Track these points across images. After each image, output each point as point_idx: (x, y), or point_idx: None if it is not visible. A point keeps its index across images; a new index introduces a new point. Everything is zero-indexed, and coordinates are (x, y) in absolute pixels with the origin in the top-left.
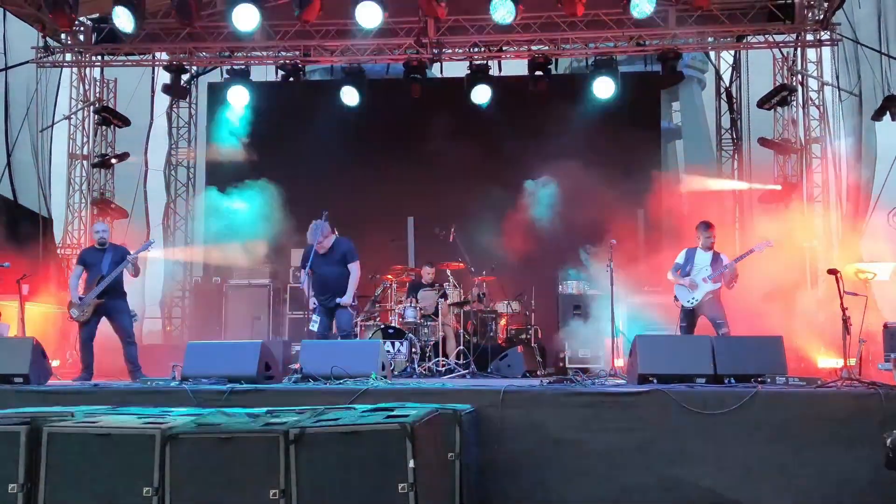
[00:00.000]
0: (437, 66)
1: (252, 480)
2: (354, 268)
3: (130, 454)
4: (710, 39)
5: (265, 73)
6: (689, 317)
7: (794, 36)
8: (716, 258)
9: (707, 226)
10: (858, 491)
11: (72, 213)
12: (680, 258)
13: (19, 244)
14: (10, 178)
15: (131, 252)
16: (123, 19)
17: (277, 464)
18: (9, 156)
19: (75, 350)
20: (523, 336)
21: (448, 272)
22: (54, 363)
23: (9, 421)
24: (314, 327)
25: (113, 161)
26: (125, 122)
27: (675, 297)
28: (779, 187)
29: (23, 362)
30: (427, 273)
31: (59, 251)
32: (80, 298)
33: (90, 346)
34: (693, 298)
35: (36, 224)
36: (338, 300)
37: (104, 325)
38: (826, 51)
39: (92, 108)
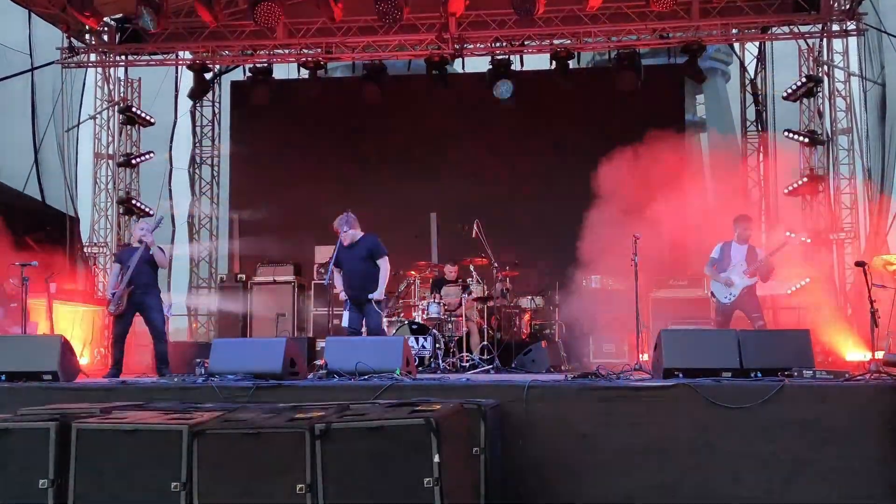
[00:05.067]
0: (458, 61)
1: (278, 475)
2: (384, 263)
3: (158, 449)
4: (734, 31)
5: (287, 70)
6: (725, 311)
7: (819, 26)
8: (751, 251)
9: (745, 219)
10: (888, 485)
11: (98, 213)
12: (715, 253)
13: (47, 243)
14: (38, 179)
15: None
16: None
17: (303, 459)
18: (36, 156)
19: (104, 347)
20: (547, 331)
21: (471, 268)
22: (82, 360)
23: (39, 417)
24: (345, 323)
25: (137, 160)
26: (149, 121)
27: (712, 293)
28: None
29: (51, 360)
30: (450, 271)
31: (85, 250)
32: (113, 294)
33: (123, 341)
34: (730, 294)
35: (63, 223)
36: (369, 295)
37: (136, 324)
38: (852, 41)
39: (116, 107)
